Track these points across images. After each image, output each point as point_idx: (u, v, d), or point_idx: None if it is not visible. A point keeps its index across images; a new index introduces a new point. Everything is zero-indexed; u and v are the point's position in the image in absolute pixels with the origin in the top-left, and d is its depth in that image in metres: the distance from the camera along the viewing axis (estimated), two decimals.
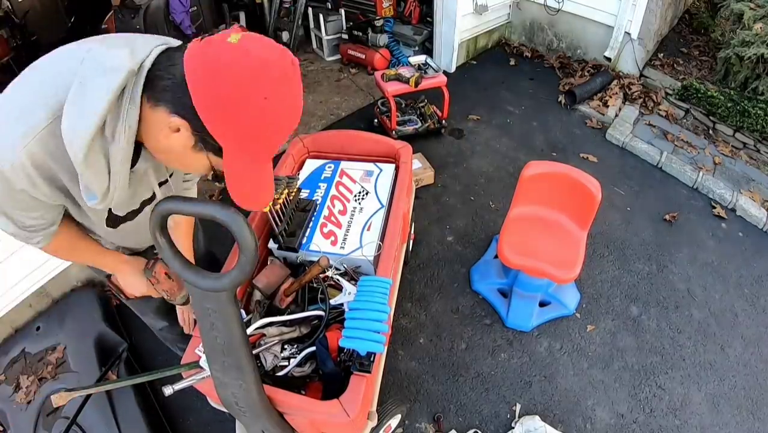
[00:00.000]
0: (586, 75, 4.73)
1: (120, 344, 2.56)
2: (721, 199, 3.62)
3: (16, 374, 2.44)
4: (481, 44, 5.35)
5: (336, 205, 2.26)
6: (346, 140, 2.55)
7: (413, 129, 4.02)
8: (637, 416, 2.43)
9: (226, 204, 0.98)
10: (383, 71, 3.94)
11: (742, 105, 3.94)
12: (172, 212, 1.03)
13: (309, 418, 1.66)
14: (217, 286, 1.08)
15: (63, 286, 2.83)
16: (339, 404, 1.50)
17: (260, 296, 1.98)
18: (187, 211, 1.01)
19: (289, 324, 1.86)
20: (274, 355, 1.77)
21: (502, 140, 4.15)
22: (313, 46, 5.61)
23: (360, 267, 2.11)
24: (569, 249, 2.56)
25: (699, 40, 5.29)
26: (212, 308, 1.16)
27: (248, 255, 1.01)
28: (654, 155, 3.91)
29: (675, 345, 2.73)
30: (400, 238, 2.20)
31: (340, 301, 1.93)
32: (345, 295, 1.92)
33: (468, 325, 2.78)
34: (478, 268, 3.04)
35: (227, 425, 2.26)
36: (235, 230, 0.98)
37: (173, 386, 1.54)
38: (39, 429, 2.25)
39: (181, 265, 1.10)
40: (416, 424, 2.38)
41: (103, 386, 1.91)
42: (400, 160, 2.40)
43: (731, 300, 2.98)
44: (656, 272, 3.11)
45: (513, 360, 2.64)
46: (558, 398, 2.48)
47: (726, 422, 2.43)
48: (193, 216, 0.99)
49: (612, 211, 3.49)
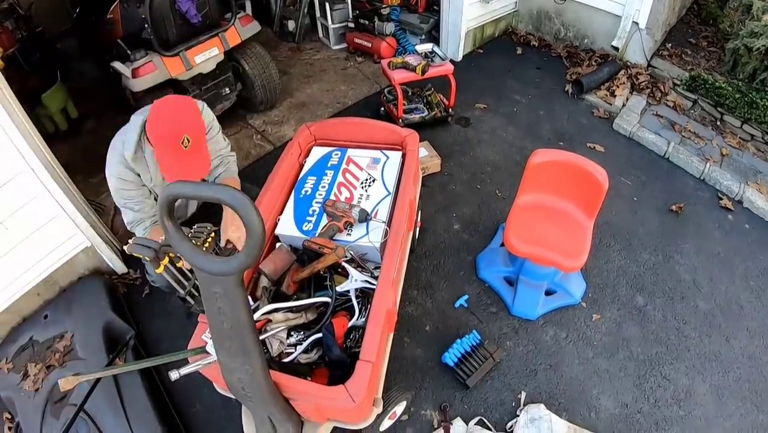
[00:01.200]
0: (593, 64, 4.69)
1: (127, 332, 2.58)
2: (728, 190, 3.60)
3: (24, 362, 2.46)
4: (487, 33, 5.31)
5: (343, 193, 2.27)
6: (352, 128, 2.55)
7: (420, 117, 4.00)
8: (642, 406, 2.44)
9: (235, 189, 0.98)
10: (390, 59, 3.92)
11: (750, 96, 3.90)
12: (179, 196, 1.04)
13: (315, 403, 1.66)
14: (225, 270, 1.08)
15: (70, 274, 2.84)
16: (345, 390, 1.51)
17: (267, 283, 1.98)
18: (196, 195, 1.02)
19: (296, 310, 1.86)
20: (280, 341, 1.77)
21: (508, 129, 4.13)
22: (320, 35, 5.57)
23: (366, 254, 2.11)
24: (576, 238, 2.56)
25: (707, 30, 5.23)
26: (219, 292, 1.17)
27: (256, 239, 1.01)
28: (661, 146, 3.89)
29: (680, 336, 2.73)
30: (407, 225, 2.19)
31: (346, 288, 1.93)
32: (351, 282, 1.93)
33: (474, 313, 2.79)
34: (484, 256, 3.04)
35: (234, 411, 2.28)
36: (242, 213, 0.98)
37: (179, 371, 1.55)
38: (47, 417, 2.27)
39: (189, 249, 1.10)
40: (422, 411, 2.39)
41: (110, 371, 1.92)
42: (407, 148, 2.39)
43: (737, 292, 2.97)
44: (662, 262, 3.11)
45: (518, 348, 2.64)
46: (563, 387, 2.49)
47: (730, 413, 2.44)
48: (201, 200, 1.00)
49: (618, 201, 3.48)
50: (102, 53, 3.77)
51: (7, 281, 2.53)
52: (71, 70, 4.73)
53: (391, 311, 1.91)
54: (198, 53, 3.45)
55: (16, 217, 2.41)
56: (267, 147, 4.02)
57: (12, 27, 3.78)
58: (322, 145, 2.57)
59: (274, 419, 1.64)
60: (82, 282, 2.84)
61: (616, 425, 2.36)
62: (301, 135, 2.53)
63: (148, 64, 3.27)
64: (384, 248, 1.97)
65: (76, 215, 2.63)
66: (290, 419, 1.67)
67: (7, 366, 2.46)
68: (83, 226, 2.69)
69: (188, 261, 1.13)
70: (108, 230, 2.91)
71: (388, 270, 1.84)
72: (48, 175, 2.44)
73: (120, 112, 3.43)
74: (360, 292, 1.99)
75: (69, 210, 2.60)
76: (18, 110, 2.32)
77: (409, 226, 2.37)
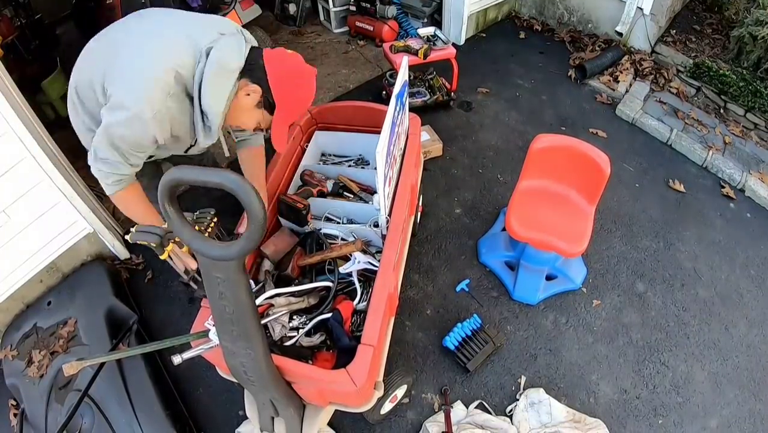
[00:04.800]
0: (596, 50, 4.65)
1: (130, 317, 2.59)
2: (730, 179, 3.59)
3: (28, 348, 2.48)
4: (490, 17, 5.26)
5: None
6: (354, 112, 2.54)
7: (422, 101, 3.98)
8: (640, 392, 2.46)
9: (237, 174, 0.98)
10: (392, 43, 3.88)
11: (755, 85, 3.87)
12: (181, 182, 1.03)
13: (317, 387, 1.68)
14: (226, 255, 1.09)
15: (73, 261, 2.85)
16: (346, 374, 1.52)
17: (269, 266, 1.99)
18: (198, 180, 1.01)
19: (298, 295, 1.86)
20: (282, 325, 1.78)
21: (510, 113, 4.11)
22: (321, 18, 5.52)
23: (370, 240, 2.12)
24: (577, 223, 2.56)
25: (712, 17, 5.16)
26: (221, 277, 1.17)
27: (257, 224, 1.02)
28: (664, 132, 3.87)
29: (680, 323, 2.74)
30: (408, 210, 2.20)
31: (348, 269, 1.95)
32: (354, 263, 1.95)
33: (475, 297, 2.80)
34: (485, 240, 3.04)
35: (236, 395, 2.31)
36: (244, 198, 0.99)
37: (182, 355, 1.56)
38: (52, 402, 2.29)
39: (190, 234, 1.10)
40: (422, 394, 2.41)
41: (114, 355, 1.93)
42: (408, 132, 2.38)
43: (737, 280, 2.98)
44: (663, 249, 3.11)
45: (519, 333, 2.66)
46: (563, 372, 2.51)
47: (728, 401, 2.46)
48: (203, 185, 0.99)
49: (620, 187, 3.47)
50: None
51: (10, 269, 2.53)
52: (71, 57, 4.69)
53: (393, 296, 1.92)
54: None
55: (18, 204, 2.41)
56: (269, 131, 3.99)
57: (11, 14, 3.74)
58: (324, 129, 2.57)
59: (276, 402, 1.66)
60: (84, 268, 2.85)
61: (615, 411, 2.38)
62: (302, 118, 2.52)
63: None
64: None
65: (77, 202, 2.63)
66: (292, 403, 1.69)
67: (12, 353, 2.48)
68: (85, 212, 2.69)
69: (189, 246, 1.13)
70: (110, 216, 2.91)
71: (389, 255, 1.85)
72: (49, 163, 2.43)
73: None
74: (361, 275, 2.00)
75: (71, 196, 2.59)
76: (18, 98, 2.30)
77: (410, 210, 2.38)
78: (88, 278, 2.77)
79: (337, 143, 2.62)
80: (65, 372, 1.52)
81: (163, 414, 2.21)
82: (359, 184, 2.39)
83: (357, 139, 2.55)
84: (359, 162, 2.63)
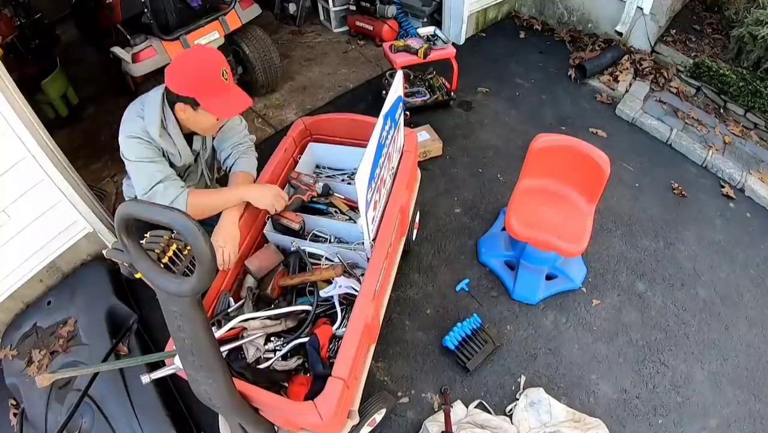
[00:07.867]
0: (596, 49, 4.65)
1: (130, 317, 2.59)
2: (730, 179, 3.59)
3: (28, 348, 2.48)
4: (490, 16, 5.26)
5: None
6: (349, 125, 2.47)
7: (422, 101, 3.98)
8: (640, 391, 2.46)
9: (185, 215, 0.96)
10: (392, 43, 3.88)
11: (755, 85, 3.87)
12: (132, 217, 1.01)
13: (284, 416, 1.63)
14: (179, 291, 1.07)
15: (73, 260, 2.85)
16: (314, 406, 1.48)
17: (252, 283, 1.94)
18: (147, 217, 0.97)
19: (274, 318, 1.83)
20: (256, 348, 1.74)
21: (510, 113, 4.11)
22: (321, 18, 5.52)
23: (355, 263, 2.07)
24: (577, 223, 2.56)
25: (712, 17, 5.16)
26: (178, 311, 1.15)
27: (205, 265, 1.00)
28: (664, 132, 3.87)
29: (679, 323, 2.74)
30: (396, 233, 2.13)
31: (330, 293, 1.88)
32: (336, 287, 1.87)
33: (475, 297, 2.80)
34: (485, 240, 3.05)
35: None
36: (191, 240, 0.96)
37: (150, 375, 1.54)
38: (52, 402, 2.29)
39: (147, 266, 1.08)
40: (422, 394, 2.41)
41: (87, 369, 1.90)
42: (404, 149, 2.31)
43: (737, 280, 2.98)
44: (663, 249, 3.11)
45: (519, 332, 2.66)
46: (562, 371, 2.51)
47: (728, 401, 2.46)
48: (154, 222, 0.96)
49: (620, 187, 3.47)
50: (101, 38, 3.75)
51: (10, 268, 2.54)
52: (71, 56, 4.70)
53: (372, 325, 1.81)
54: (198, 37, 3.42)
55: (18, 204, 2.41)
56: (268, 131, 4.01)
57: (11, 14, 3.75)
58: (318, 141, 2.49)
59: (245, 426, 1.62)
60: (84, 268, 2.86)
61: (615, 410, 2.38)
62: (296, 130, 2.44)
63: (148, 49, 3.25)
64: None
65: (77, 201, 2.64)
66: (261, 427, 1.64)
67: (12, 353, 2.49)
68: (85, 212, 2.70)
69: (146, 279, 1.11)
70: (109, 215, 2.91)
71: (369, 284, 1.77)
72: (49, 162, 2.44)
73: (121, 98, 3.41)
74: (344, 298, 1.92)
75: (70, 196, 2.60)
76: (18, 97, 2.30)
77: (401, 231, 2.30)
78: (88, 277, 2.77)
79: (332, 156, 2.53)
80: (38, 384, 1.51)
81: (163, 414, 2.21)
82: (349, 201, 2.28)
83: (353, 153, 2.44)
84: (354, 176, 2.53)
